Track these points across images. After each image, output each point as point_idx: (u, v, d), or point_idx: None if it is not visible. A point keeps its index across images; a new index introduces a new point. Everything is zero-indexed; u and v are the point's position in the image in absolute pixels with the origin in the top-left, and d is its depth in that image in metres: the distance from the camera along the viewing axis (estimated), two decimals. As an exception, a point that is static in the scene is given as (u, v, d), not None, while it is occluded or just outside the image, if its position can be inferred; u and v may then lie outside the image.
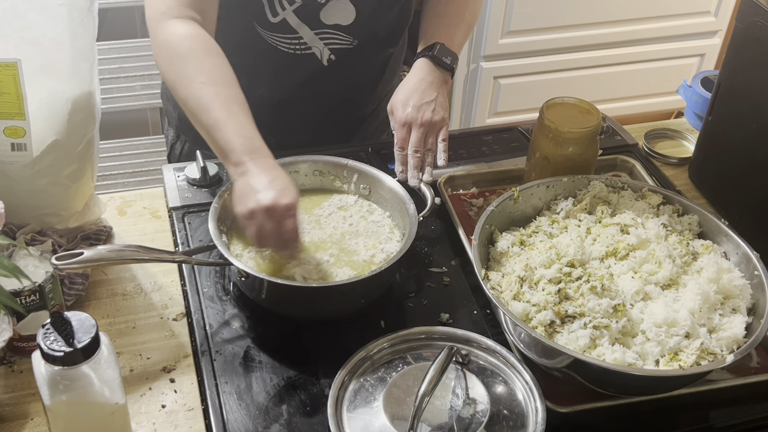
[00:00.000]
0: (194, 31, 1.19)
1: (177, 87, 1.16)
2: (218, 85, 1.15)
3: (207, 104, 1.12)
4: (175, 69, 1.17)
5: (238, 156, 1.09)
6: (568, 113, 1.30)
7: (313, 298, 1.10)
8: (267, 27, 1.34)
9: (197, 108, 1.13)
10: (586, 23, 2.82)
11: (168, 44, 1.18)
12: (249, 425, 1.01)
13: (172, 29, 1.18)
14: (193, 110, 1.14)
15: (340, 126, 1.54)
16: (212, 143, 1.13)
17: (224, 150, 1.11)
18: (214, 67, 1.16)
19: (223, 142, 1.11)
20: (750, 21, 1.29)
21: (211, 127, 1.12)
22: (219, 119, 1.11)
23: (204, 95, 1.13)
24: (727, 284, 1.08)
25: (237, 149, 1.09)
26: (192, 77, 1.14)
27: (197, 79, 1.14)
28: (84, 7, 1.14)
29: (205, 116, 1.12)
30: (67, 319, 0.87)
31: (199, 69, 1.15)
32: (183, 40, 1.18)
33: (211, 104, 1.12)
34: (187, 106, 1.15)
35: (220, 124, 1.11)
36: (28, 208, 1.19)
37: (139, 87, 2.51)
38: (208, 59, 1.17)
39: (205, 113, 1.12)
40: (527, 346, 1.05)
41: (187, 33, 1.18)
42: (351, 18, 1.35)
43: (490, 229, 1.19)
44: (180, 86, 1.16)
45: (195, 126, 1.17)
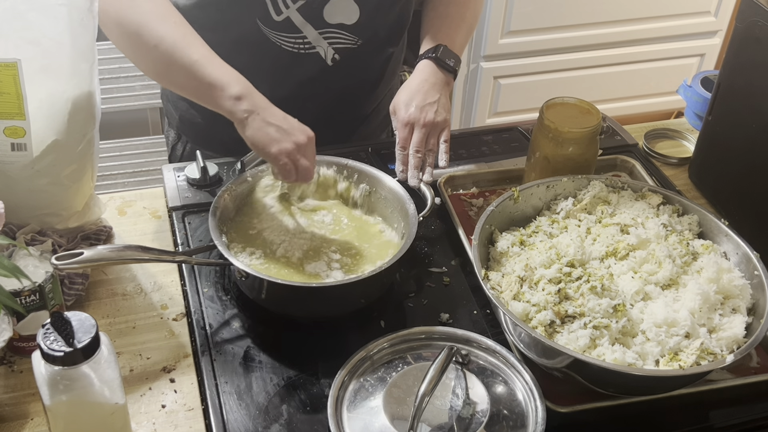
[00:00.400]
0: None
1: (148, 26, 1.14)
2: (190, 27, 1.15)
3: (189, 41, 1.12)
4: (141, 10, 1.15)
5: (238, 88, 1.11)
6: (568, 113, 1.30)
7: (313, 298, 1.10)
8: (271, 26, 1.34)
9: (177, 44, 1.12)
10: (586, 23, 2.82)
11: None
12: (249, 425, 1.01)
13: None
14: (170, 48, 1.13)
15: (339, 125, 1.54)
16: (198, 79, 1.12)
17: (217, 83, 1.11)
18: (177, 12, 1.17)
19: (214, 76, 1.10)
20: (750, 21, 1.29)
21: (196, 63, 1.11)
22: (204, 55, 1.11)
23: (183, 33, 1.13)
24: (727, 284, 1.08)
25: (233, 81, 1.10)
26: (163, 16, 1.14)
27: (170, 19, 1.14)
28: (84, 7, 1.14)
29: (188, 51, 1.12)
30: (67, 319, 0.87)
31: (168, 9, 1.15)
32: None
33: (193, 41, 1.12)
34: (163, 44, 1.13)
35: (207, 59, 1.11)
36: (28, 208, 1.19)
37: (139, 87, 2.51)
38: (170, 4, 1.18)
39: (188, 48, 1.12)
40: (527, 346, 1.05)
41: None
42: (355, 17, 1.35)
43: (490, 229, 1.19)
44: (151, 24, 1.14)
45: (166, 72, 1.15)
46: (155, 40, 1.13)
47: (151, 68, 1.16)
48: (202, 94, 1.12)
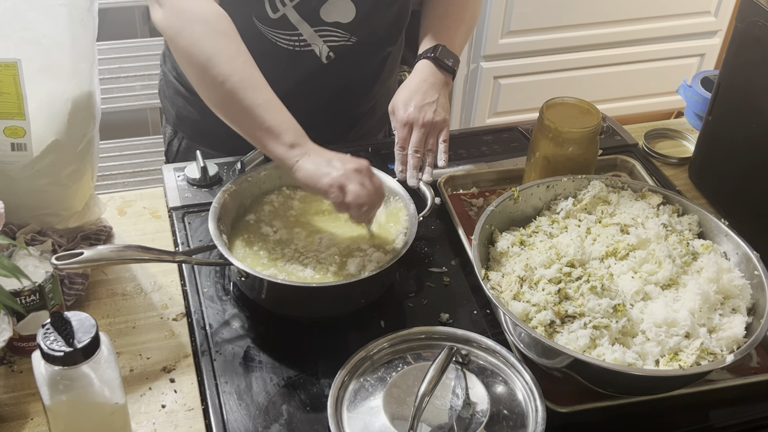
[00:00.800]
0: (222, 10, 1.19)
1: (213, 62, 1.13)
2: (257, 69, 1.16)
3: (254, 83, 1.13)
4: (213, 44, 1.14)
5: (293, 137, 1.12)
6: (568, 113, 1.30)
7: (313, 298, 1.10)
8: (266, 23, 1.34)
9: (242, 85, 1.13)
10: (586, 23, 2.82)
11: (202, 18, 1.16)
12: (249, 425, 1.01)
13: (200, 4, 1.17)
14: (235, 87, 1.13)
15: (336, 123, 1.54)
16: (255, 122, 1.13)
17: (274, 130, 1.12)
18: (247, 51, 1.17)
19: (274, 122, 1.12)
20: (750, 21, 1.29)
21: (259, 106, 1.13)
22: (268, 99, 1.13)
23: (250, 74, 1.14)
24: (727, 284, 1.08)
25: (291, 129, 1.12)
26: (234, 55, 1.14)
27: (239, 58, 1.14)
28: (84, 7, 1.14)
29: (252, 94, 1.13)
30: (67, 319, 0.87)
31: (239, 48, 1.16)
32: (218, 17, 1.17)
33: (257, 83, 1.14)
34: (228, 83, 1.13)
35: (271, 104, 1.13)
36: (28, 208, 1.19)
37: (139, 87, 2.51)
38: (242, 42, 1.17)
39: (253, 91, 1.13)
40: (527, 346, 1.05)
41: (219, 10, 1.18)
42: (351, 16, 1.35)
43: (490, 229, 1.19)
44: (219, 62, 1.13)
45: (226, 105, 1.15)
46: (222, 77, 1.13)
47: (213, 101, 1.17)
48: (258, 137, 1.14)
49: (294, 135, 1.12)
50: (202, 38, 1.15)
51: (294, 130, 1.13)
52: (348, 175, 1.10)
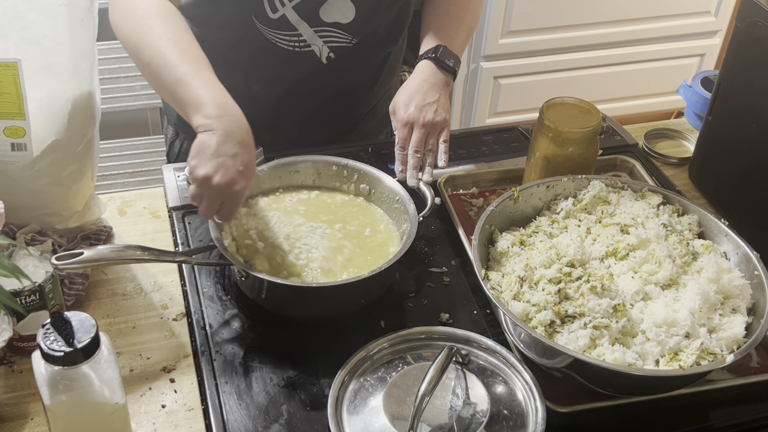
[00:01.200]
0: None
1: (141, 46, 1.14)
2: (184, 44, 1.13)
3: (174, 60, 1.10)
4: (139, 29, 1.15)
5: (210, 110, 1.06)
6: (568, 113, 1.30)
7: (313, 298, 1.10)
8: (266, 23, 1.34)
9: (162, 65, 1.11)
10: (586, 23, 2.82)
11: (133, 6, 1.17)
12: (249, 425, 1.01)
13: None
14: (158, 68, 1.12)
15: (336, 124, 1.54)
16: (178, 100, 1.10)
17: (192, 104, 1.07)
18: (179, 28, 1.15)
19: (191, 97, 1.08)
20: (750, 21, 1.29)
21: (177, 82, 1.09)
22: (186, 73, 1.09)
23: (171, 52, 1.11)
24: (727, 284, 1.08)
25: (210, 103, 1.06)
26: (158, 35, 1.13)
27: (163, 37, 1.12)
28: (84, 7, 1.14)
29: (171, 72, 1.10)
30: (67, 319, 0.87)
31: (164, 28, 1.14)
32: (148, 3, 1.17)
33: (178, 60, 1.10)
34: (152, 65, 1.12)
35: (187, 78, 1.09)
36: (28, 208, 1.19)
37: (139, 87, 2.51)
38: (173, 20, 1.16)
39: (172, 69, 1.10)
40: (527, 346, 1.05)
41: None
42: (351, 16, 1.35)
43: (490, 229, 1.19)
44: (144, 45, 1.13)
45: (156, 88, 1.15)
46: (147, 58, 1.13)
47: (149, 83, 1.18)
48: (185, 111, 1.11)
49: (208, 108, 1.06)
50: (131, 24, 1.16)
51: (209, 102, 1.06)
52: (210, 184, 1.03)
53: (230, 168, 1.03)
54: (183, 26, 1.16)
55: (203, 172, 1.03)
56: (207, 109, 1.07)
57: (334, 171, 1.29)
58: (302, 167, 1.29)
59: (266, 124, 1.44)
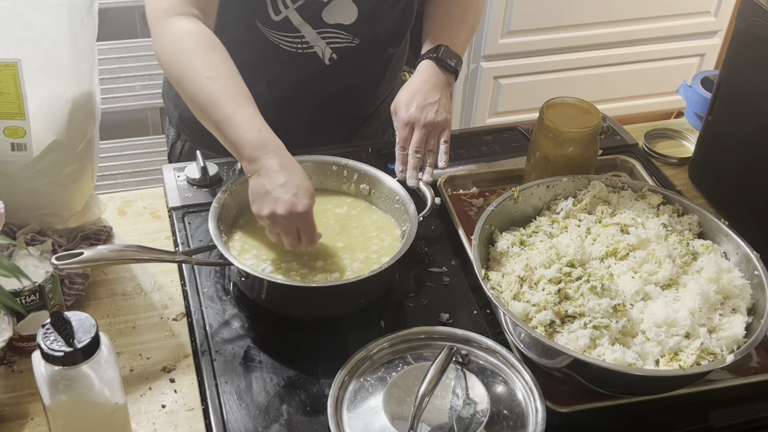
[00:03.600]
0: (198, 28, 1.20)
1: (183, 83, 1.17)
2: (224, 79, 1.15)
3: (215, 99, 1.13)
4: (180, 65, 1.17)
5: (250, 152, 1.11)
6: (568, 113, 1.30)
7: (313, 298, 1.10)
8: (269, 25, 1.34)
9: (205, 104, 1.14)
10: (586, 23, 2.82)
11: (173, 40, 1.19)
12: (249, 425, 1.01)
13: (176, 26, 1.19)
14: (201, 106, 1.15)
15: (340, 125, 1.54)
16: (223, 139, 1.15)
17: (236, 146, 1.12)
18: (219, 61, 1.17)
19: (234, 138, 1.12)
20: (750, 21, 1.29)
21: (220, 122, 1.13)
22: (228, 114, 1.12)
23: (212, 90, 1.14)
24: (727, 284, 1.08)
25: (248, 144, 1.11)
26: (198, 72, 1.15)
27: (203, 74, 1.14)
28: (84, 7, 1.14)
29: (214, 112, 1.13)
30: (67, 319, 0.87)
31: (204, 63, 1.16)
32: (187, 35, 1.18)
33: (218, 99, 1.13)
34: (195, 102, 1.16)
35: (229, 119, 1.12)
36: (28, 208, 1.19)
37: (139, 87, 2.51)
38: (213, 53, 1.18)
39: (214, 109, 1.13)
40: (527, 346, 1.05)
41: (191, 29, 1.19)
42: (353, 17, 1.35)
43: (490, 229, 1.19)
44: (186, 82, 1.16)
45: (203, 123, 1.17)
46: (190, 96, 1.16)
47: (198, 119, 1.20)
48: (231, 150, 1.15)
49: (250, 150, 1.11)
50: (172, 59, 1.18)
51: (250, 144, 1.11)
52: (277, 218, 1.08)
53: (285, 198, 1.08)
54: (223, 57, 1.18)
55: (266, 212, 1.09)
56: (246, 152, 1.12)
57: (334, 171, 1.29)
58: (302, 167, 1.28)
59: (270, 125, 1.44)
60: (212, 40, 1.20)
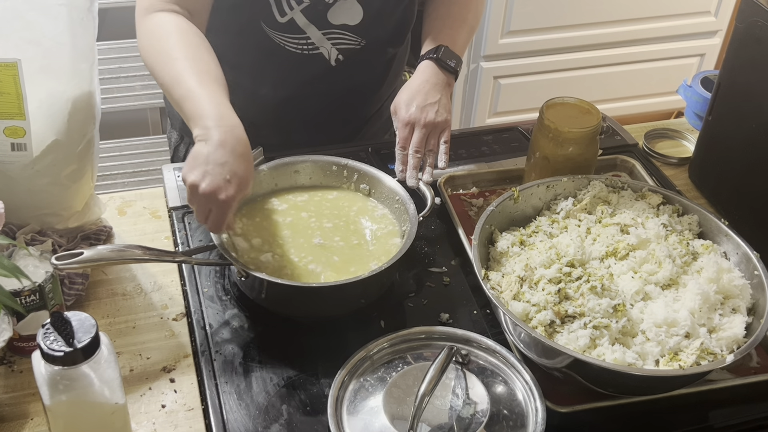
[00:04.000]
0: (176, 19, 1.20)
1: (156, 67, 1.17)
2: (192, 60, 1.15)
3: (179, 76, 1.13)
4: (155, 49, 1.18)
5: (205, 121, 1.07)
6: (568, 113, 1.30)
7: (313, 298, 1.10)
8: (274, 27, 1.34)
9: (171, 82, 1.14)
10: (586, 23, 2.82)
11: (150, 30, 1.20)
12: (249, 425, 1.01)
13: (154, 20, 1.20)
14: (167, 85, 1.15)
15: (342, 126, 1.54)
16: (184, 115, 1.13)
17: (193, 116, 1.09)
18: (190, 44, 1.17)
19: (192, 110, 1.10)
20: (750, 21, 1.29)
21: (183, 98, 1.12)
22: (190, 88, 1.11)
23: (179, 69, 1.13)
24: (727, 284, 1.08)
25: (206, 115, 1.08)
26: (169, 54, 1.15)
27: (173, 56, 1.15)
28: (84, 7, 1.14)
29: (177, 88, 1.13)
30: (67, 319, 0.87)
31: (176, 46, 1.16)
32: (164, 24, 1.19)
33: (183, 76, 1.13)
34: (164, 83, 1.16)
35: (191, 93, 1.11)
36: (28, 208, 1.19)
37: (139, 87, 2.51)
38: (185, 37, 1.18)
39: (177, 85, 1.13)
40: (527, 346, 1.05)
41: (169, 19, 1.20)
42: (358, 18, 1.35)
43: (490, 229, 1.19)
44: (158, 65, 1.17)
45: (172, 104, 1.17)
46: (160, 80, 1.17)
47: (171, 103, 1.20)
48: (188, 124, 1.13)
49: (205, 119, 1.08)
50: (147, 50, 1.20)
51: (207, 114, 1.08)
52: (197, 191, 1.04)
53: (217, 176, 1.03)
54: (196, 43, 1.18)
55: (191, 179, 1.04)
56: (205, 121, 1.08)
57: (334, 171, 1.29)
58: (302, 167, 1.29)
59: (273, 126, 1.44)
60: (187, 27, 1.20)
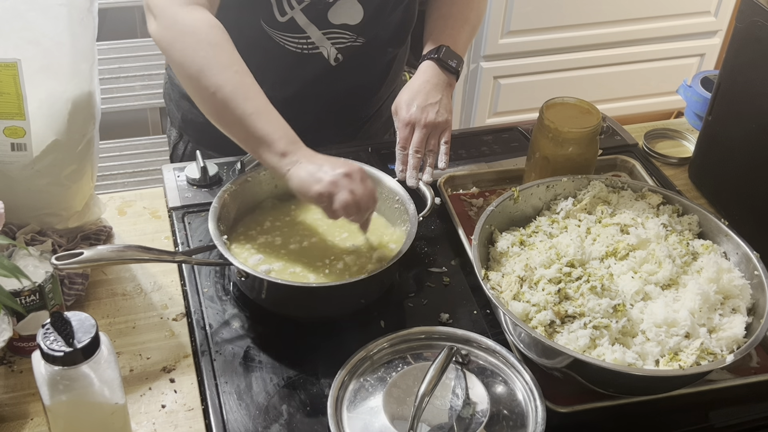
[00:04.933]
0: (216, 21, 1.17)
1: (205, 73, 1.12)
2: (251, 77, 1.14)
3: (246, 92, 1.12)
4: (204, 55, 1.13)
5: (284, 145, 1.10)
6: (568, 113, 1.30)
7: (313, 298, 1.10)
8: (274, 26, 1.34)
9: (234, 95, 1.11)
10: (586, 23, 2.82)
11: (193, 29, 1.15)
12: (249, 425, 1.01)
13: (194, 15, 1.15)
14: (227, 97, 1.11)
15: (342, 126, 1.54)
16: (248, 132, 1.11)
17: (266, 139, 1.10)
18: (240, 59, 1.16)
19: (265, 131, 1.10)
20: (750, 21, 1.29)
21: (251, 115, 1.11)
22: (260, 107, 1.11)
23: (242, 83, 1.12)
24: (727, 284, 1.08)
25: (282, 138, 1.10)
26: (225, 65, 1.13)
27: (231, 67, 1.13)
28: (84, 7, 1.14)
29: (243, 104, 1.11)
30: (67, 319, 0.87)
31: (231, 57, 1.14)
32: (209, 27, 1.15)
33: (249, 92, 1.12)
34: (220, 93, 1.12)
35: (261, 112, 1.11)
36: (28, 208, 1.19)
37: (139, 87, 2.51)
38: (235, 50, 1.16)
39: (244, 101, 1.11)
40: (527, 346, 1.05)
41: (211, 21, 1.16)
42: (359, 17, 1.35)
43: (490, 229, 1.19)
44: (210, 73, 1.12)
45: (220, 117, 1.14)
46: (214, 87, 1.12)
47: (207, 111, 1.17)
48: (252, 146, 1.13)
49: (285, 143, 1.10)
50: (193, 49, 1.14)
51: (286, 137, 1.11)
52: (337, 182, 1.07)
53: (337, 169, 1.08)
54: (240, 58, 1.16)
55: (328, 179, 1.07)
56: (280, 144, 1.10)
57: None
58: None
59: None
60: (228, 36, 1.17)
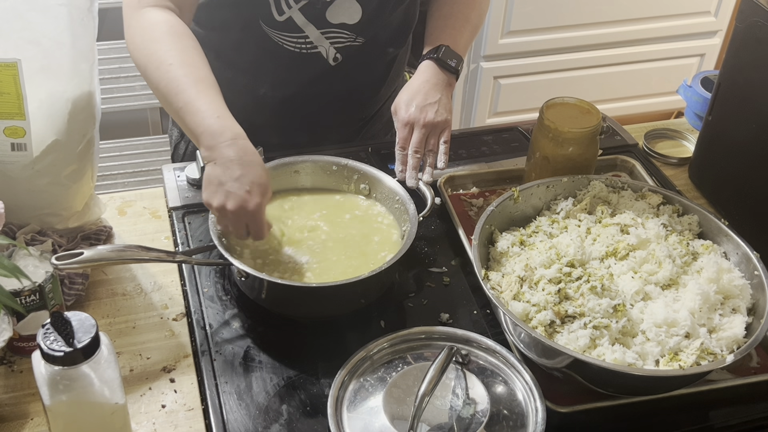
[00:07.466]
0: (167, 17, 1.19)
1: (147, 70, 1.16)
2: (187, 66, 1.14)
3: (176, 86, 1.12)
4: (146, 52, 1.17)
5: (207, 139, 1.09)
6: (568, 113, 1.30)
7: (313, 298, 1.10)
8: (273, 25, 1.34)
9: (167, 91, 1.13)
10: (586, 23, 2.82)
11: (142, 30, 1.19)
12: (249, 425, 1.01)
13: (147, 16, 1.19)
14: (164, 94, 1.14)
15: (343, 126, 1.54)
16: (185, 127, 1.13)
17: (195, 133, 1.11)
18: (185, 49, 1.16)
19: (193, 125, 1.11)
20: (750, 21, 1.29)
21: (181, 110, 1.12)
22: (188, 101, 1.11)
23: (173, 78, 1.13)
24: (727, 284, 1.08)
25: (206, 131, 1.10)
26: (161, 59, 1.14)
27: (166, 61, 1.14)
28: (84, 7, 1.14)
29: (175, 99, 1.12)
30: (67, 319, 0.87)
31: (169, 51, 1.15)
32: (156, 24, 1.18)
33: (179, 86, 1.12)
34: (158, 90, 1.15)
35: (189, 106, 1.11)
36: (28, 208, 1.19)
37: (139, 87, 2.51)
38: (179, 42, 1.17)
39: (175, 96, 1.12)
40: (527, 346, 1.05)
41: (161, 19, 1.19)
42: (357, 17, 1.35)
43: (490, 229, 1.19)
44: (150, 69, 1.16)
45: (168, 112, 1.16)
46: (154, 85, 1.16)
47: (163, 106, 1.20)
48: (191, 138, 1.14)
49: (207, 138, 1.09)
50: (138, 49, 1.18)
51: (208, 131, 1.09)
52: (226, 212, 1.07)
53: (237, 192, 1.06)
54: (189, 46, 1.17)
55: (216, 203, 1.07)
56: (204, 139, 1.10)
57: (334, 171, 1.29)
58: (302, 167, 1.29)
59: (273, 126, 1.44)
60: (180, 28, 1.19)
